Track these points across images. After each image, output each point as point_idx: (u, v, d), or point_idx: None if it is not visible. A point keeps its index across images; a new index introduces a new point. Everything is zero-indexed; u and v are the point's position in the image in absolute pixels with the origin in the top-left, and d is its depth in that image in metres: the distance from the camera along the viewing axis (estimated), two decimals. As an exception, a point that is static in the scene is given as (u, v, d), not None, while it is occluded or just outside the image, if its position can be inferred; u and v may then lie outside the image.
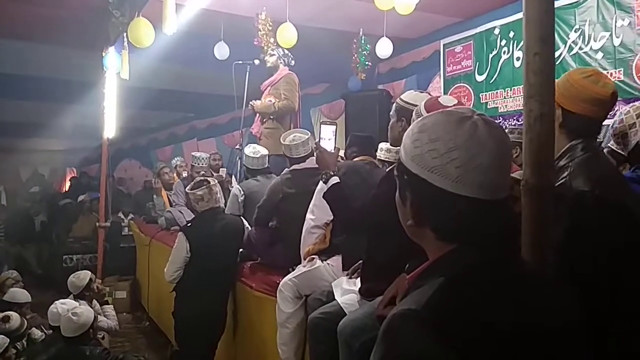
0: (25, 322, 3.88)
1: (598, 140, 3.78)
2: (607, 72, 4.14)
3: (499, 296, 0.81)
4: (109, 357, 3.30)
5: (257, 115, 4.75)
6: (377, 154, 3.60)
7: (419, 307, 0.78)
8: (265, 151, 4.02)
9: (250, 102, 4.69)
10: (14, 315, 3.84)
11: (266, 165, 3.99)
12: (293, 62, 4.75)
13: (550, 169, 1.13)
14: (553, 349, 0.82)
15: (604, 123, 1.54)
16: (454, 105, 1.79)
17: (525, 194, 1.14)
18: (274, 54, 4.70)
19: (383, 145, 3.69)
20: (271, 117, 4.65)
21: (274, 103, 4.59)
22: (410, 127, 0.92)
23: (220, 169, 5.19)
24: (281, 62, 4.71)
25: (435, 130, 0.86)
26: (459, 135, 0.84)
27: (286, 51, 4.69)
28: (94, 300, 4.29)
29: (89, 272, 4.51)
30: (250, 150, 3.99)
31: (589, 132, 1.47)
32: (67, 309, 3.44)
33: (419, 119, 0.93)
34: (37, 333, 4.09)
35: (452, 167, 0.83)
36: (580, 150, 1.40)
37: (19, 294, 4.42)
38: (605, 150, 3.63)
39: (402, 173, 0.91)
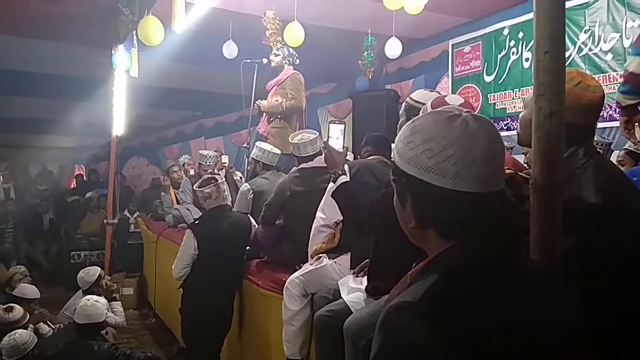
0: (29, 315, 3.90)
1: (607, 141, 3.78)
2: (617, 74, 4.11)
3: (495, 292, 0.82)
4: (117, 353, 3.33)
5: (264, 114, 4.76)
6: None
7: (415, 300, 0.79)
8: (278, 150, 4.04)
9: (257, 102, 4.70)
10: (17, 307, 3.87)
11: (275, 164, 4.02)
12: (298, 61, 4.76)
13: (559, 168, 1.13)
14: (547, 351, 0.81)
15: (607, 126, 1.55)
16: (461, 104, 1.79)
17: (534, 193, 1.13)
18: (278, 54, 4.71)
19: (393, 146, 3.69)
20: (278, 116, 4.66)
21: (282, 103, 4.60)
22: (401, 130, 0.93)
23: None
24: (286, 62, 4.72)
25: (428, 130, 0.88)
26: (452, 133, 0.86)
27: (291, 50, 4.69)
28: (102, 296, 4.32)
29: (99, 268, 4.55)
30: (269, 147, 4.02)
31: (586, 137, 1.47)
32: (89, 298, 3.64)
33: (409, 121, 0.94)
34: (45, 328, 4.13)
35: (448, 164, 0.84)
36: (583, 157, 1.40)
37: (29, 290, 4.46)
38: (621, 152, 3.62)
39: (399, 177, 0.91)
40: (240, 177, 4.96)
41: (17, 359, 3.11)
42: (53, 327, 4.13)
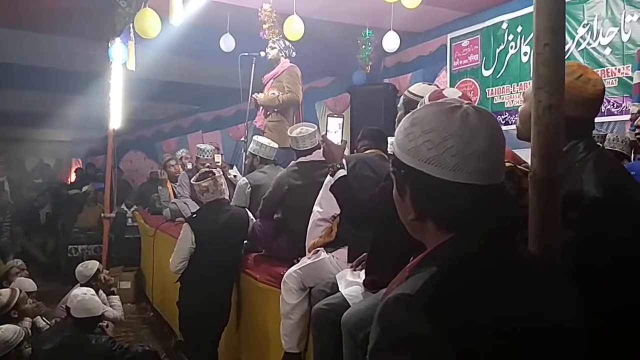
0: (18, 293, 3.79)
1: (602, 133, 3.78)
2: (615, 68, 4.12)
3: (494, 285, 0.82)
4: (115, 346, 3.33)
5: (261, 108, 4.74)
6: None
7: (413, 292, 0.79)
8: (275, 144, 4.03)
9: (253, 95, 4.68)
10: (3, 292, 3.79)
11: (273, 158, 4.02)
12: (294, 53, 4.73)
13: (558, 161, 1.12)
14: (546, 346, 0.81)
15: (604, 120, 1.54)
16: (459, 97, 1.78)
17: (533, 186, 1.13)
18: (275, 47, 4.68)
19: (389, 139, 3.69)
20: (275, 110, 4.63)
21: (278, 96, 4.58)
22: (402, 122, 0.93)
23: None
24: (282, 55, 4.69)
25: (428, 121, 0.88)
26: (452, 124, 0.85)
27: (287, 43, 4.65)
28: (100, 290, 4.31)
29: (97, 262, 4.53)
30: (267, 140, 4.01)
31: (586, 131, 1.47)
32: (85, 291, 3.60)
33: (410, 113, 0.94)
34: (41, 322, 4.12)
35: (448, 155, 0.84)
36: (583, 151, 1.40)
37: (26, 283, 4.44)
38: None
39: (399, 168, 0.91)
40: (235, 176, 4.92)
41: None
42: (48, 322, 4.12)
